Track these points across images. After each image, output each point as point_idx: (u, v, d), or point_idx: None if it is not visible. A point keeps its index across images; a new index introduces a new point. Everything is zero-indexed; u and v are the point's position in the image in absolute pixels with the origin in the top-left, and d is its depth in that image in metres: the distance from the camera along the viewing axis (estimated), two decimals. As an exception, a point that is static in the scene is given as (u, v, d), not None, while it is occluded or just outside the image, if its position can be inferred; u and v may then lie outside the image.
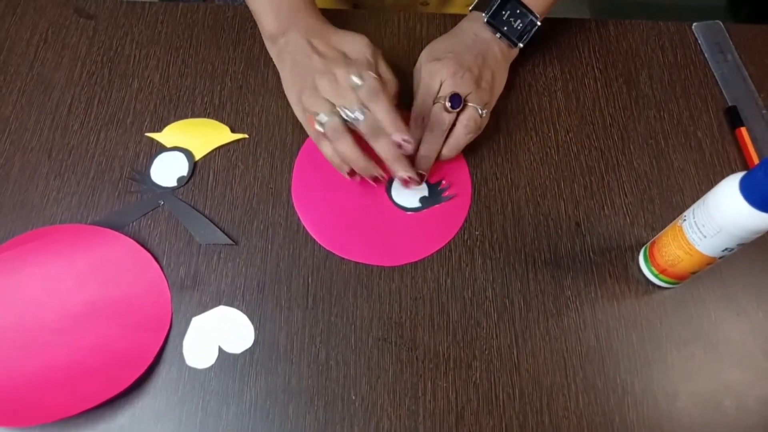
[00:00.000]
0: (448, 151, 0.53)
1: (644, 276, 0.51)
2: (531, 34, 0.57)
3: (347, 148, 0.49)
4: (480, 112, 0.53)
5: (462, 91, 0.53)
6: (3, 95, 0.57)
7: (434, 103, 0.53)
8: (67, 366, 0.45)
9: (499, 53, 0.57)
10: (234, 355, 0.47)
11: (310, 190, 0.54)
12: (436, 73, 0.53)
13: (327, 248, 0.51)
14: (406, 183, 0.51)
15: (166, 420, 0.45)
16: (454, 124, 0.53)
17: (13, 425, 0.44)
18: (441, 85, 0.53)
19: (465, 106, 0.53)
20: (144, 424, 0.45)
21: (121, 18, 0.62)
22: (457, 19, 0.63)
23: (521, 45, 0.57)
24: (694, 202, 0.45)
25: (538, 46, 0.62)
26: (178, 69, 0.60)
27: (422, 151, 0.52)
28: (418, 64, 0.57)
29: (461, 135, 0.52)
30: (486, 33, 0.57)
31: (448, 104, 0.52)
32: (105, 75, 0.59)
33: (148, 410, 0.45)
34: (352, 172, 0.51)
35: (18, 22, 0.61)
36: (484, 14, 0.56)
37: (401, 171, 0.50)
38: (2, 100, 0.57)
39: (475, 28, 0.57)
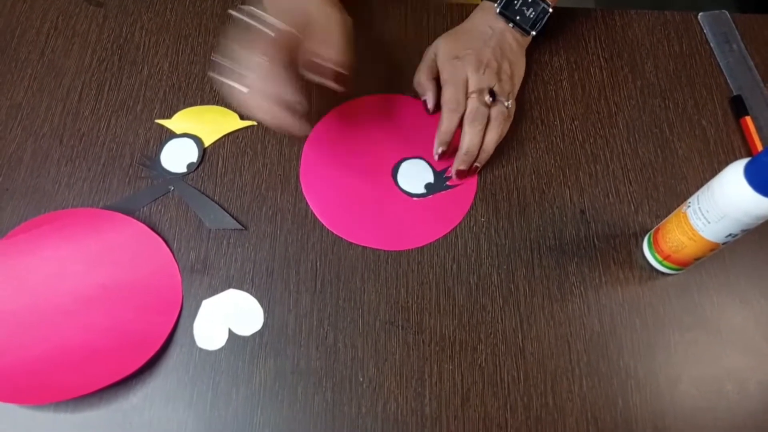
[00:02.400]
0: (486, 147, 0.53)
1: (648, 262, 0.52)
2: (543, 22, 0.57)
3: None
4: (506, 103, 0.54)
5: (486, 86, 0.53)
6: (15, 82, 0.58)
7: (468, 97, 0.53)
8: (80, 347, 0.46)
9: (514, 42, 0.57)
10: (244, 338, 0.48)
11: (318, 175, 0.55)
12: (460, 69, 0.54)
13: (335, 233, 0.52)
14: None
15: (178, 400, 0.46)
16: None
17: (29, 403, 0.45)
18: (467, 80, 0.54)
19: (494, 100, 0.53)
20: (156, 403, 0.46)
21: (131, 6, 0.62)
22: (464, 8, 0.64)
23: (534, 33, 0.58)
24: (698, 190, 0.45)
25: (544, 36, 0.62)
26: (187, 56, 0.60)
27: (466, 146, 0.53)
28: (432, 53, 0.57)
29: (494, 129, 0.53)
30: (499, 23, 0.57)
31: (488, 98, 0.53)
32: (115, 62, 0.59)
33: (159, 390, 0.46)
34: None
35: (29, 10, 0.62)
36: (495, 5, 0.56)
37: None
38: (14, 86, 0.58)
39: (488, 20, 0.57)
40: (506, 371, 0.48)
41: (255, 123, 0.57)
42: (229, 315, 0.49)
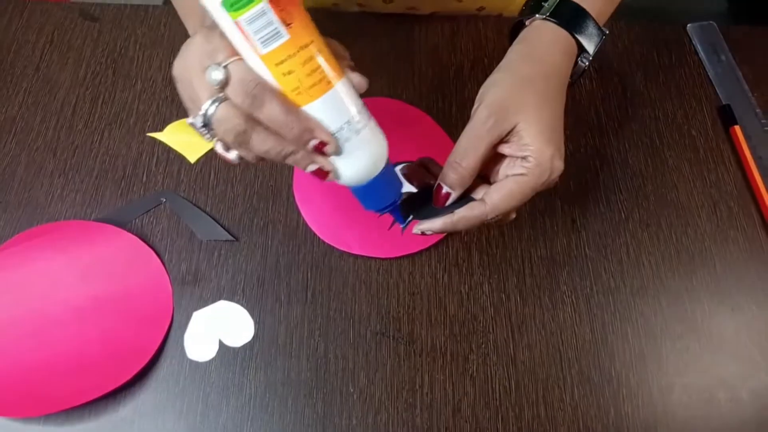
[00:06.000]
0: None
1: (639, 271, 0.52)
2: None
3: None
4: None
5: None
6: (9, 96, 0.59)
7: None
8: (70, 358, 0.46)
9: None
10: (234, 349, 0.48)
11: (311, 183, 0.55)
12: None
13: (327, 242, 0.52)
14: None
15: (168, 412, 0.46)
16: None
17: (18, 415, 0.44)
18: None
19: None
20: (146, 415, 0.45)
21: (125, 21, 0.63)
22: (455, 22, 0.64)
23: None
24: (688, 198, 0.46)
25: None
26: (180, 70, 0.61)
27: None
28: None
29: None
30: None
31: None
32: (109, 76, 0.60)
33: (149, 402, 0.46)
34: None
35: (25, 25, 0.62)
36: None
37: None
38: (9, 100, 0.58)
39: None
40: (498, 381, 0.48)
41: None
42: (219, 326, 0.49)
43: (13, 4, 0.63)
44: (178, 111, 0.58)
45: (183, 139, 0.57)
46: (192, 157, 0.56)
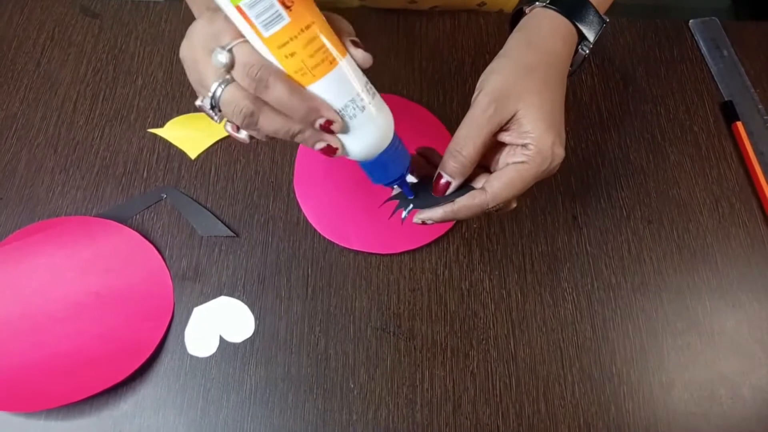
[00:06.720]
0: None
1: (640, 268, 0.52)
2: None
3: None
4: None
5: None
6: (10, 92, 0.59)
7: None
8: (71, 354, 0.46)
9: None
10: (235, 345, 0.48)
11: (312, 176, 0.55)
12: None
13: (327, 237, 0.52)
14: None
15: (168, 407, 0.46)
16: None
17: (20, 410, 0.45)
18: None
19: None
20: (146, 411, 0.45)
21: (126, 17, 0.63)
22: (456, 16, 0.64)
23: None
24: (690, 194, 0.45)
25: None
26: (181, 66, 0.60)
27: None
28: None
29: None
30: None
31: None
32: (110, 72, 0.60)
33: (150, 397, 0.46)
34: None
35: (25, 22, 0.62)
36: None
37: None
38: (10, 96, 0.58)
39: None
40: (498, 377, 0.48)
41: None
42: (220, 322, 0.49)
43: (14, 0, 0.63)
44: (179, 107, 0.58)
45: (183, 135, 0.57)
46: (192, 153, 0.56)
